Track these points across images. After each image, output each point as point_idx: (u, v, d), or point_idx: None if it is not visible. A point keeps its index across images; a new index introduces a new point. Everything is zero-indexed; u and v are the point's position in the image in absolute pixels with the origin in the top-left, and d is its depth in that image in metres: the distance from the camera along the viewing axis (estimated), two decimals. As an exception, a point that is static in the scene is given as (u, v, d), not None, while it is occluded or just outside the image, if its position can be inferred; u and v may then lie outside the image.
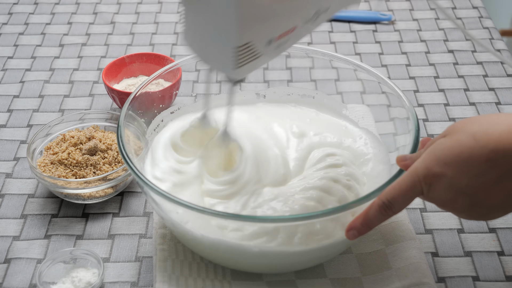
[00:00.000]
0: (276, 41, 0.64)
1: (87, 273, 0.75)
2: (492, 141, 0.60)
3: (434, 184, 0.62)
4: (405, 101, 0.77)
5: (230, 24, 0.60)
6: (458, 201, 0.62)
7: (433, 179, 0.62)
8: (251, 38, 0.62)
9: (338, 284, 0.74)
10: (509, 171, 0.59)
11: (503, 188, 0.60)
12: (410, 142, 0.73)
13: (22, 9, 1.28)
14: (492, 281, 0.75)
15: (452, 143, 0.62)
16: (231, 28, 0.60)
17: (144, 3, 1.30)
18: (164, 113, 0.86)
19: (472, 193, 0.61)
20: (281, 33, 0.64)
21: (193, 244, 0.73)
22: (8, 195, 0.88)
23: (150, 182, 0.69)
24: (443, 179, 0.62)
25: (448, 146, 0.62)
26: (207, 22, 0.62)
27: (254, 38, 0.62)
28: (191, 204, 0.66)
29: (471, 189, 0.61)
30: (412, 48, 1.16)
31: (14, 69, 1.12)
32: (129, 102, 0.79)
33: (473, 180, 0.60)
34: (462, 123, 0.63)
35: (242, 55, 0.62)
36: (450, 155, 0.61)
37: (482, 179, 0.60)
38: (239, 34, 0.60)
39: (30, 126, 0.99)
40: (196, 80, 0.95)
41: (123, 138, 0.74)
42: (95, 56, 1.15)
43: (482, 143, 0.60)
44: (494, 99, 1.03)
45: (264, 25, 0.62)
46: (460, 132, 0.62)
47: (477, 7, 1.27)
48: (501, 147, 0.59)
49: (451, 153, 0.61)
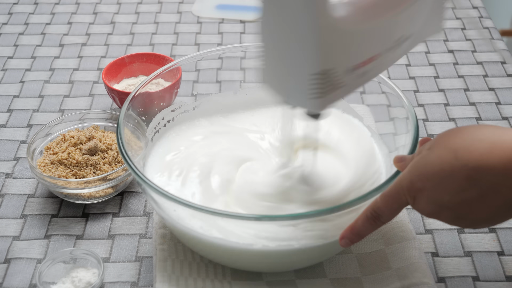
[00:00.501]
0: (357, 70, 0.63)
1: (87, 273, 0.75)
2: (473, 159, 0.59)
3: (418, 197, 0.62)
4: (405, 101, 0.77)
5: (309, 51, 0.58)
6: (442, 214, 0.62)
7: (416, 192, 0.62)
8: (331, 65, 0.60)
9: (338, 284, 0.74)
10: (490, 189, 0.58)
11: (486, 205, 0.59)
12: (409, 142, 0.73)
13: (22, 9, 1.28)
14: (492, 281, 0.75)
15: (434, 158, 0.61)
16: (311, 55, 0.58)
17: (144, 3, 1.30)
18: (165, 111, 0.86)
19: (455, 208, 0.61)
20: (362, 60, 0.63)
21: (193, 244, 0.73)
22: (8, 195, 0.88)
23: (148, 179, 0.69)
24: (425, 193, 0.61)
25: (430, 162, 0.61)
26: (286, 55, 0.60)
27: (335, 65, 0.60)
28: (189, 203, 0.67)
29: (453, 204, 0.60)
30: (412, 48, 1.15)
31: (14, 69, 1.12)
32: (128, 101, 0.79)
33: (454, 196, 0.60)
34: (445, 136, 0.62)
35: (322, 83, 0.60)
36: (432, 171, 0.61)
37: (464, 196, 0.59)
38: (319, 60, 0.59)
39: (30, 126, 0.99)
40: (196, 80, 0.95)
41: (122, 136, 0.74)
42: (95, 56, 1.15)
43: (463, 161, 0.59)
44: (494, 99, 1.03)
45: (345, 52, 0.60)
46: (443, 147, 0.61)
47: (477, 7, 1.27)
48: (482, 165, 0.58)
49: (432, 169, 0.61)
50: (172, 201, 0.67)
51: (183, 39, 1.19)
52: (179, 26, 1.23)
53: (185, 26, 1.23)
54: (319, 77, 0.60)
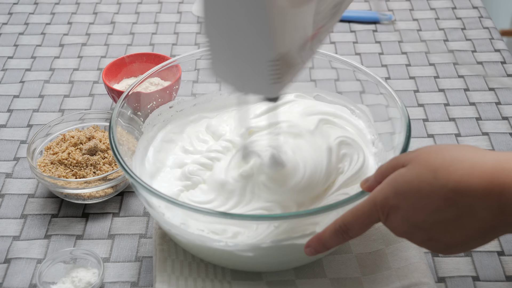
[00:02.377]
0: (307, 45, 0.63)
1: (87, 273, 0.75)
2: (452, 180, 0.57)
3: (391, 215, 0.61)
4: (397, 101, 0.77)
5: (264, 39, 0.58)
6: (415, 234, 0.61)
7: (390, 210, 0.61)
8: (286, 47, 0.60)
9: (338, 284, 0.74)
10: (467, 211, 0.57)
11: (461, 228, 0.58)
12: (401, 142, 0.73)
13: (22, 9, 1.28)
14: (492, 281, 0.75)
15: (412, 177, 0.60)
16: (266, 43, 0.58)
17: (144, 3, 1.30)
18: (162, 107, 0.86)
19: (429, 229, 0.59)
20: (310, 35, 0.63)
21: (190, 247, 0.73)
22: (8, 195, 0.88)
23: (141, 180, 0.69)
24: (399, 211, 0.60)
25: (407, 180, 0.60)
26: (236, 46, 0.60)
27: (289, 47, 0.60)
28: (182, 203, 0.67)
29: (427, 225, 0.59)
30: (412, 48, 1.16)
31: (14, 69, 1.12)
32: (122, 99, 0.80)
33: (430, 216, 0.59)
34: (425, 154, 0.61)
35: (279, 68, 0.60)
36: (409, 189, 0.59)
37: (439, 217, 0.58)
38: (275, 46, 0.58)
39: (30, 126, 0.99)
40: (196, 80, 0.95)
41: (114, 136, 0.75)
42: (95, 56, 1.15)
43: (442, 182, 0.58)
44: (494, 99, 1.03)
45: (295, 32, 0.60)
46: (422, 165, 0.60)
47: (477, 7, 1.27)
48: (461, 187, 0.57)
49: (409, 187, 0.59)
50: (161, 199, 0.67)
51: (183, 39, 1.19)
52: (179, 26, 1.23)
53: (185, 26, 1.23)
54: (276, 63, 0.59)
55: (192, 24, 1.23)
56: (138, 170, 0.79)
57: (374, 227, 0.78)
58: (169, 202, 0.67)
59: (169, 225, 0.71)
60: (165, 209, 0.71)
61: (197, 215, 0.67)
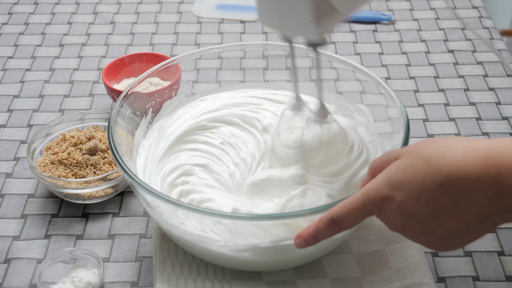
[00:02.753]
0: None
1: (87, 273, 0.75)
2: (446, 166, 0.57)
3: (384, 207, 0.60)
4: (396, 101, 0.78)
5: None
6: (409, 227, 0.60)
7: (383, 202, 0.60)
8: None
9: (338, 284, 0.74)
10: (462, 198, 0.57)
11: (456, 216, 0.58)
12: (400, 142, 0.73)
13: (22, 9, 1.28)
14: (492, 281, 0.75)
15: (406, 166, 0.59)
16: None
17: (144, 3, 1.30)
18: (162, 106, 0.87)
19: (424, 220, 0.59)
20: None
21: (189, 247, 0.73)
22: (8, 195, 0.88)
23: (140, 180, 0.69)
24: (393, 202, 0.60)
25: (401, 170, 0.59)
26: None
27: None
28: (183, 204, 0.67)
29: (422, 216, 0.59)
30: (412, 48, 1.16)
31: (14, 69, 1.12)
32: (121, 99, 0.80)
33: (424, 206, 0.58)
34: (418, 145, 0.61)
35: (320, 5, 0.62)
36: (403, 179, 0.59)
37: (434, 206, 0.58)
38: None
39: (30, 126, 0.99)
40: (196, 80, 0.95)
41: (113, 135, 0.75)
42: (95, 56, 1.15)
43: (435, 169, 0.57)
44: (494, 99, 1.03)
45: None
46: (415, 155, 0.59)
47: (477, 7, 1.27)
48: (455, 173, 0.56)
49: (404, 177, 0.59)
50: (161, 199, 0.68)
51: (183, 39, 1.19)
52: (179, 26, 1.23)
53: (185, 26, 1.23)
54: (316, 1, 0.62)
55: (192, 24, 1.23)
56: (138, 170, 0.79)
57: (374, 227, 0.78)
58: (168, 202, 0.67)
59: (169, 225, 0.71)
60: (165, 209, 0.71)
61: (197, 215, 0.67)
